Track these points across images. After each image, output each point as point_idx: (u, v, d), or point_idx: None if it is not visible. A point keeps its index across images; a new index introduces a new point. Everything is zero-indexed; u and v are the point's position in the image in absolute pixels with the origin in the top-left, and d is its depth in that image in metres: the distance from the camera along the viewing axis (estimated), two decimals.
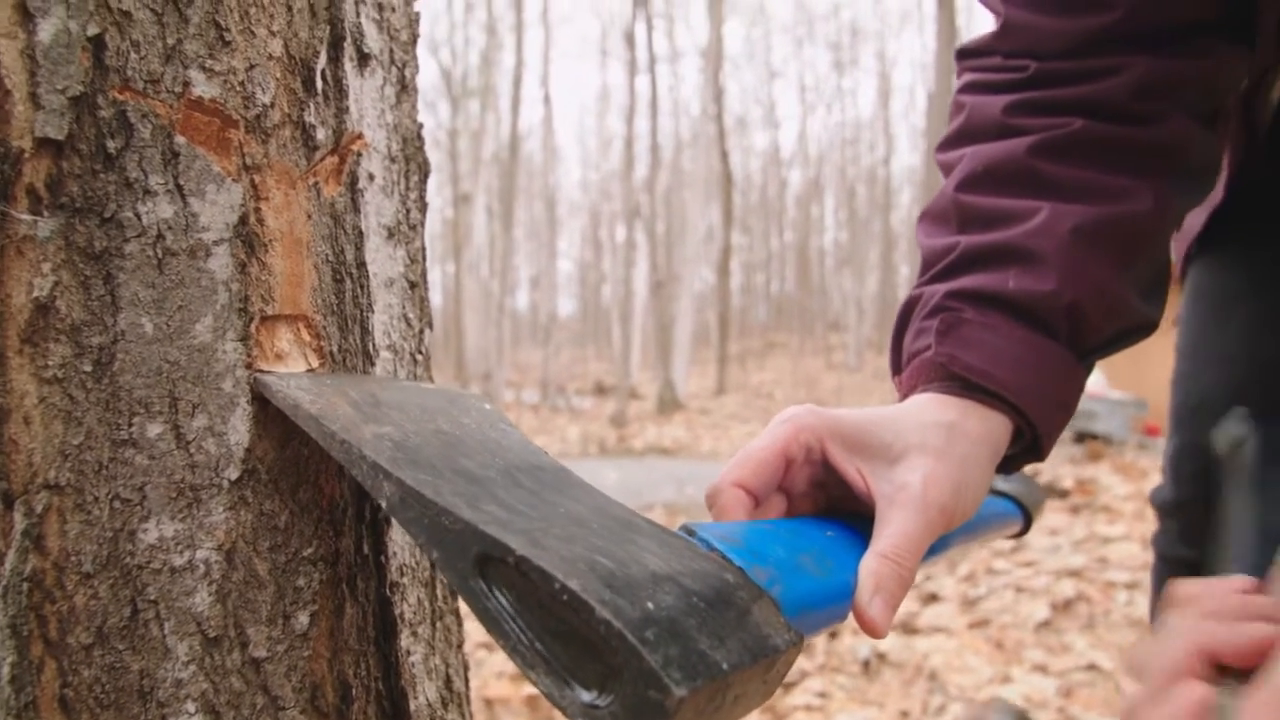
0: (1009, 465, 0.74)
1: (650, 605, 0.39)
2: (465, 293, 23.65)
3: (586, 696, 0.39)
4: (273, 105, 0.53)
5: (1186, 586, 0.53)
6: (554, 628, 0.40)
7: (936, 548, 0.66)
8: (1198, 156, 0.76)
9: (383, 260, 0.64)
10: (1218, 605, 0.49)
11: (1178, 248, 1.11)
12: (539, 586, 0.40)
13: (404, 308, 0.66)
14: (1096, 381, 14.01)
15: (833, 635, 3.00)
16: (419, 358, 0.68)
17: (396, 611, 0.60)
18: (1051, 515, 4.71)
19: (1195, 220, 1.04)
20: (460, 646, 0.70)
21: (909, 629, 2.98)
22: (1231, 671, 0.45)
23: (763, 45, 43.71)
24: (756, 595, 0.46)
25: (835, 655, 2.87)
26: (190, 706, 0.48)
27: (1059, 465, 6.73)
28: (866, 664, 2.77)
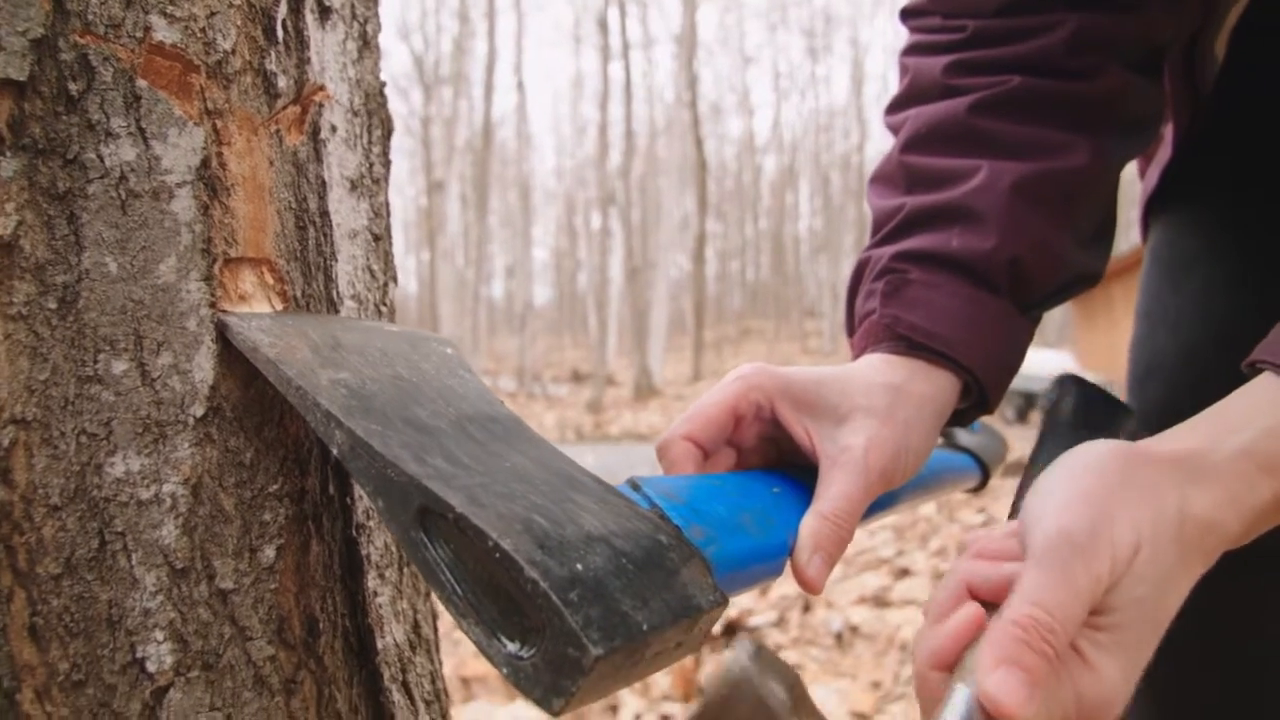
0: (960, 419, 0.76)
1: (579, 566, 0.42)
2: (440, 281, 23.56)
3: (511, 648, 0.41)
4: (234, 52, 0.54)
5: (973, 534, 0.56)
6: (486, 582, 0.43)
7: (885, 502, 0.68)
8: (1136, 108, 0.78)
9: (346, 211, 0.65)
10: (985, 546, 0.53)
11: (1137, 208, 1.13)
12: (474, 543, 0.42)
13: (368, 259, 0.67)
14: (1067, 364, 14.17)
15: (806, 608, 3.04)
16: (383, 309, 0.69)
17: (363, 553, 0.62)
18: None
19: (1150, 179, 1.06)
20: (429, 595, 0.71)
21: (881, 602, 3.02)
22: (993, 605, 0.49)
23: (736, 31, 43.68)
24: (688, 556, 0.48)
25: (809, 628, 2.91)
26: (159, 635, 0.49)
27: (1029, 443, 6.82)
28: (839, 636, 2.81)
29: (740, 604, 3.09)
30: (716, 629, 2.95)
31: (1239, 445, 0.51)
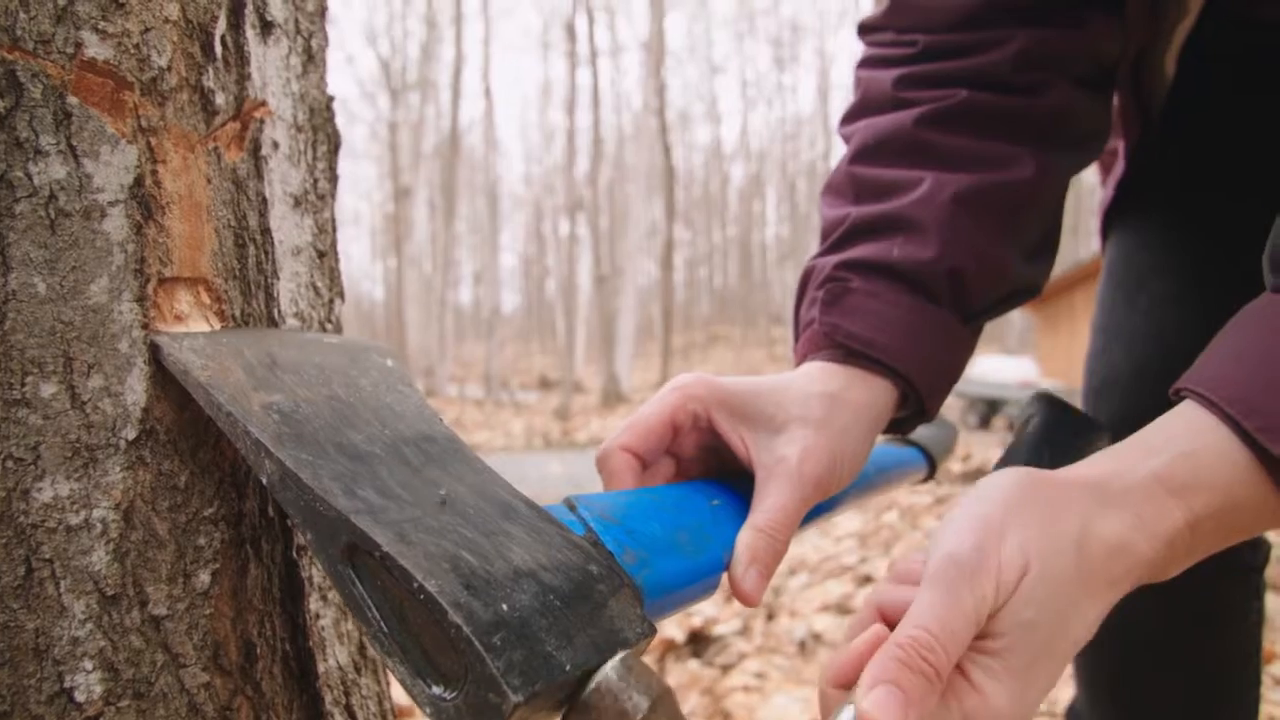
0: (899, 427, 0.77)
1: (504, 606, 0.42)
2: (407, 287, 23.41)
3: (436, 690, 0.41)
4: (169, 69, 0.53)
5: (899, 558, 0.57)
6: (412, 622, 0.43)
7: (826, 505, 0.69)
8: (1082, 123, 0.80)
9: (289, 228, 0.64)
10: (900, 569, 0.54)
11: (1096, 221, 1.14)
12: (400, 583, 0.42)
13: (312, 276, 0.66)
14: (1029, 371, 14.34)
15: (770, 617, 3.04)
16: (328, 327, 0.68)
17: (304, 575, 0.61)
18: None
19: (1107, 192, 1.08)
20: None
21: (844, 610, 3.03)
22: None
23: (704, 40, 43.86)
24: (617, 586, 0.48)
25: (772, 636, 2.91)
26: (88, 664, 0.48)
27: (990, 449, 6.89)
28: (802, 645, 2.82)
29: (704, 612, 3.09)
30: (679, 637, 2.95)
31: (1150, 469, 0.52)
